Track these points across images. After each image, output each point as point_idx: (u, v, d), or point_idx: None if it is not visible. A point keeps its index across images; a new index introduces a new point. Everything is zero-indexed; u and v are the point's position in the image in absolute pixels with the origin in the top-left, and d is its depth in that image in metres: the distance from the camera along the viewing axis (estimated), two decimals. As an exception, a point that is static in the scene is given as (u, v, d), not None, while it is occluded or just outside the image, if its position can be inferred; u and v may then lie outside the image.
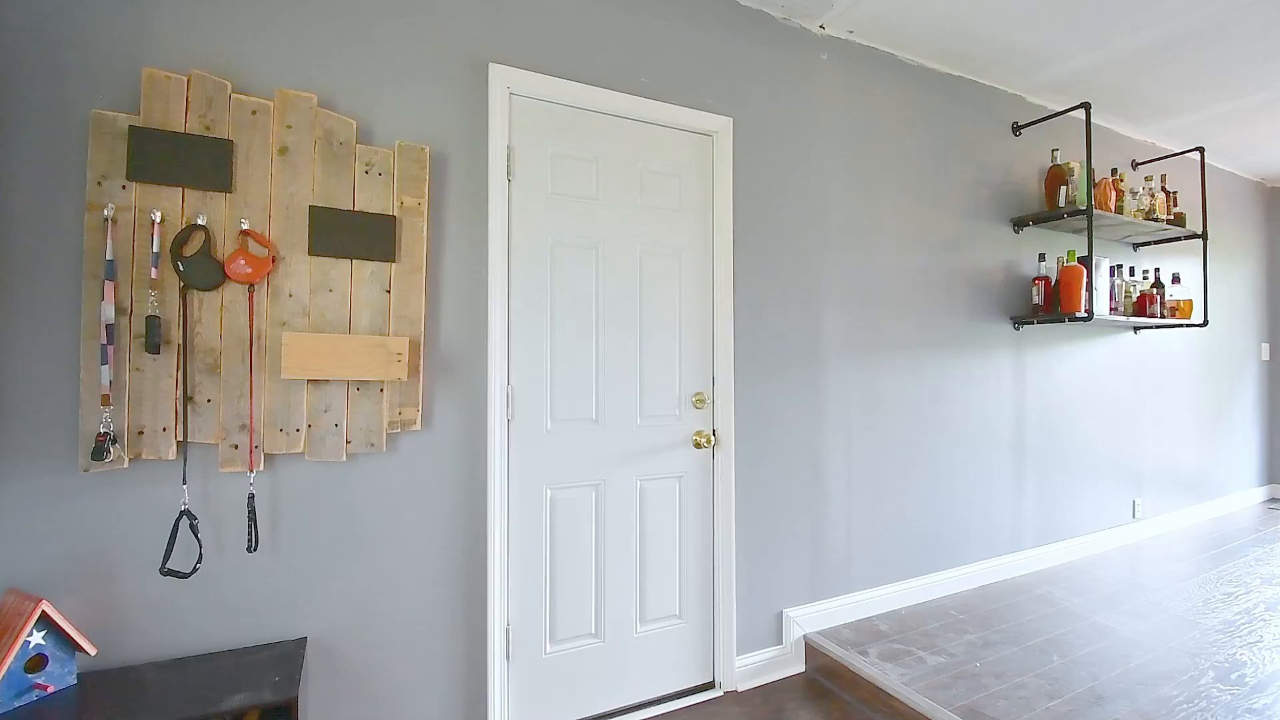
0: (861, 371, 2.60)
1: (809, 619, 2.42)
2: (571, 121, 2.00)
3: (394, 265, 1.67)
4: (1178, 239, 3.37)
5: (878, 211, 2.65)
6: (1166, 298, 3.37)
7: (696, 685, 2.22)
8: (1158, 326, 3.39)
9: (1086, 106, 2.77)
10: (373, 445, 1.65)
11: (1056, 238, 3.20)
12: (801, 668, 2.39)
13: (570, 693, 1.99)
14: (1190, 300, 3.44)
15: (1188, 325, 3.42)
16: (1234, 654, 2.25)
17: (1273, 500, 4.68)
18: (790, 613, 2.38)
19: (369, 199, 1.65)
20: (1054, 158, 3.07)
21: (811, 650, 2.37)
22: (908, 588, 2.70)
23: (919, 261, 2.76)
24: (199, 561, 1.46)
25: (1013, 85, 3.04)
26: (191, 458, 1.50)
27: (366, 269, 1.64)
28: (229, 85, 1.51)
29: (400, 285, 1.68)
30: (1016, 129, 3.09)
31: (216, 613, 1.53)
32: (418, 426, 1.71)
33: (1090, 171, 2.80)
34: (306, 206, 1.58)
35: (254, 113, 1.53)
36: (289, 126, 1.57)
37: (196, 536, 1.47)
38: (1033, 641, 2.35)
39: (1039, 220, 3.00)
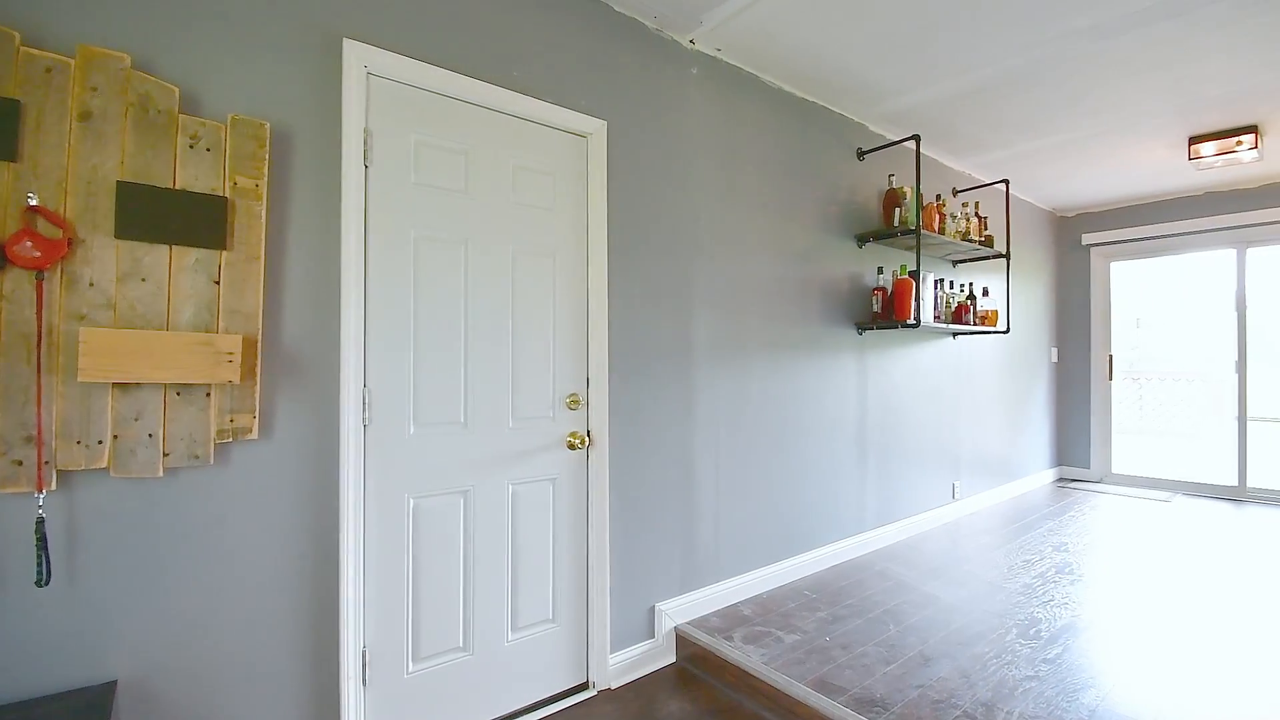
0: (729, 371, 2.74)
1: (680, 610, 2.51)
2: (438, 110, 1.91)
3: (225, 253, 1.50)
4: (987, 258, 3.92)
5: (743, 221, 2.81)
6: (978, 308, 3.91)
7: (571, 687, 2.21)
8: (971, 332, 3.92)
9: (917, 138, 3.14)
10: (197, 458, 1.46)
11: (892, 253, 3.59)
12: (673, 658, 2.47)
13: (436, 712, 1.89)
14: (997, 310, 4.02)
15: (994, 332, 3.99)
16: (1032, 612, 2.64)
17: (1061, 480, 5.59)
18: (662, 606, 2.45)
19: (194, 177, 1.46)
20: (890, 182, 3.45)
21: (682, 640, 2.45)
22: (769, 573, 2.89)
23: (778, 270, 2.97)
24: (-38, 602, 1.21)
25: (858, 114, 3.37)
26: (-48, 478, 1.24)
27: (190, 256, 1.45)
28: (17, 37, 1.28)
29: (233, 276, 1.51)
30: (860, 154, 3.43)
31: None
32: (254, 435, 1.54)
33: (919, 196, 3.18)
34: (114, 182, 1.37)
35: (49, 70, 1.31)
36: (93, 89, 1.35)
37: (-41, 572, 1.22)
38: (874, 613, 2.61)
39: (878, 237, 3.35)
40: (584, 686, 2.24)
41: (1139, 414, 8.57)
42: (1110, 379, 5.53)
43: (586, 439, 2.24)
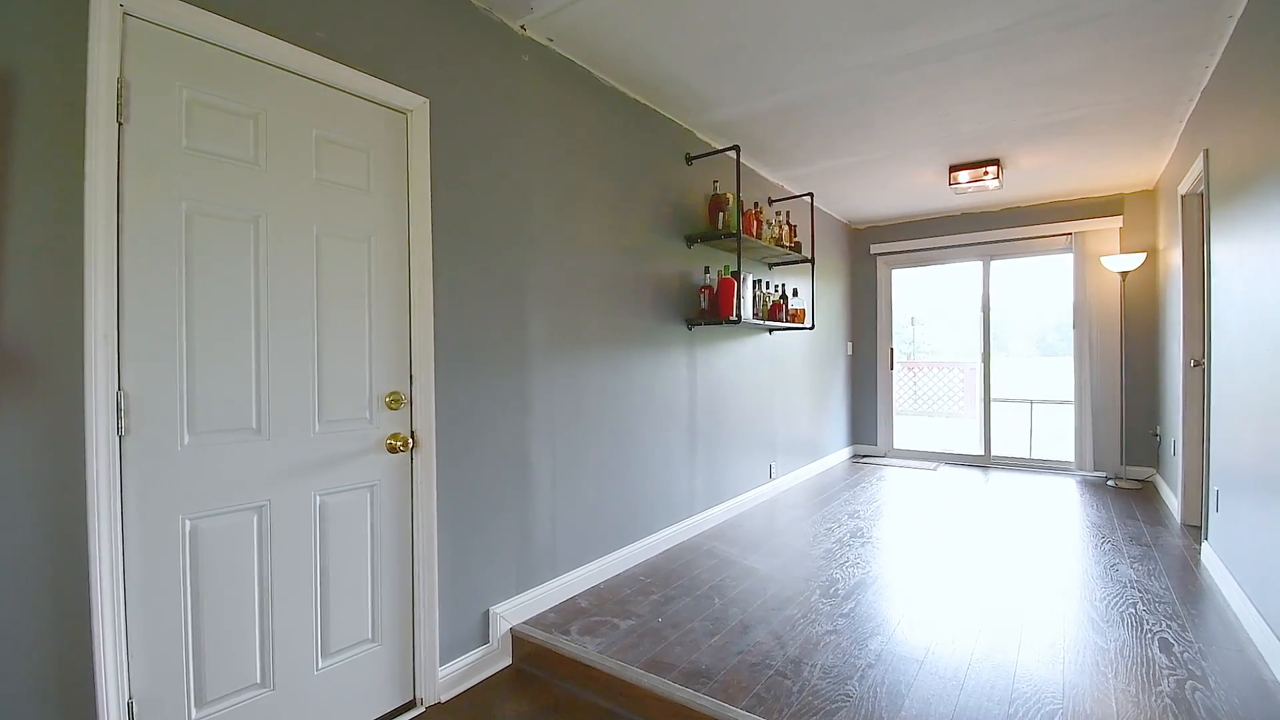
0: (564, 366, 2.73)
1: (516, 611, 2.45)
2: (220, 65, 1.64)
3: (-99, 220, 1.15)
4: (796, 262, 4.36)
5: (577, 216, 2.81)
6: (789, 307, 4.33)
7: (396, 708, 2.05)
8: (784, 328, 4.34)
9: (737, 149, 3.38)
10: None
11: (717, 254, 3.84)
12: (509, 660, 2.40)
13: (227, 759, 1.64)
14: (804, 309, 4.49)
15: (802, 328, 4.46)
16: (831, 574, 2.99)
17: (856, 456, 6.41)
18: (497, 609, 2.37)
19: None
20: (715, 188, 3.68)
21: (518, 641, 2.40)
22: (607, 562, 2.94)
23: (614, 266, 3.03)
24: None
25: (687, 121, 3.55)
26: None
27: None
28: None
29: (-86, 250, 1.16)
30: (689, 159, 3.61)
31: None
32: (-47, 452, 1.20)
33: (740, 203, 3.43)
34: None
35: None
36: None
37: None
38: (701, 590, 2.78)
39: (705, 238, 3.57)
40: (411, 705, 2.10)
41: (914, 398, 10.17)
42: (891, 368, 6.47)
43: (410, 440, 2.09)
